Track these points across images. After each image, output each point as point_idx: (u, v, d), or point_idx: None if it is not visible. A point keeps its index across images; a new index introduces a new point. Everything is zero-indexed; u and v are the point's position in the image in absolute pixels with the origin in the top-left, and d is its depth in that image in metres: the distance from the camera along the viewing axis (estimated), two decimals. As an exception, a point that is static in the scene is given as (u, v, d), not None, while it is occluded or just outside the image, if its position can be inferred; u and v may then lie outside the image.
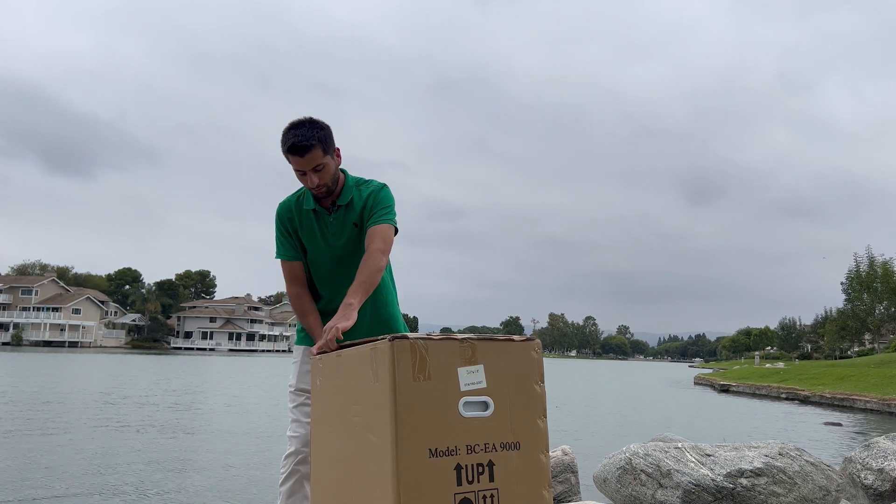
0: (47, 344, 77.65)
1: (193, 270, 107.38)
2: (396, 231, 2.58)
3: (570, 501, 4.92)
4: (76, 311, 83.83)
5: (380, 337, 1.86)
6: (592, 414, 19.95)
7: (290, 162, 2.51)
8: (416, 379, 1.79)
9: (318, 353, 2.19)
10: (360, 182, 2.65)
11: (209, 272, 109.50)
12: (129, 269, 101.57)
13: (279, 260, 2.72)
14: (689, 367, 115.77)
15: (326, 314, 2.62)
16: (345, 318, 2.27)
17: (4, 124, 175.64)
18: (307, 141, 2.45)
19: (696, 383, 45.79)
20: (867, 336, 57.28)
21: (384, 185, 2.65)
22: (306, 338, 2.68)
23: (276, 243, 2.71)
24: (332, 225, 2.61)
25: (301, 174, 2.51)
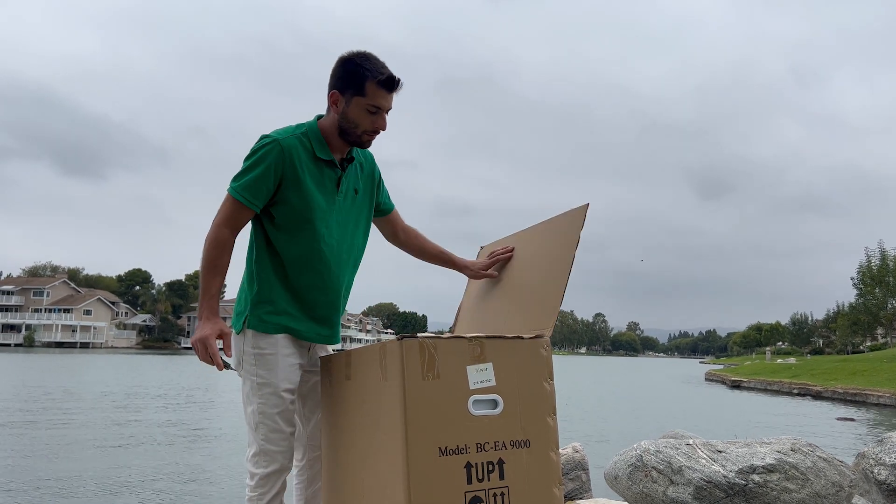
0: (59, 345, 78.16)
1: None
2: None
3: (581, 499, 4.91)
4: (87, 312, 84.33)
5: (388, 336, 1.86)
6: (603, 411, 19.90)
7: (364, 95, 2.12)
8: (426, 378, 1.79)
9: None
10: None
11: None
12: (140, 270, 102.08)
13: (234, 198, 2.08)
14: (700, 363, 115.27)
15: (321, 291, 2.21)
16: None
17: (18, 127, 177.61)
18: (399, 77, 2.14)
19: (707, 379, 45.63)
20: (879, 331, 56.94)
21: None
22: (282, 323, 2.16)
23: (251, 180, 2.08)
24: (343, 183, 2.23)
25: (372, 113, 2.14)
